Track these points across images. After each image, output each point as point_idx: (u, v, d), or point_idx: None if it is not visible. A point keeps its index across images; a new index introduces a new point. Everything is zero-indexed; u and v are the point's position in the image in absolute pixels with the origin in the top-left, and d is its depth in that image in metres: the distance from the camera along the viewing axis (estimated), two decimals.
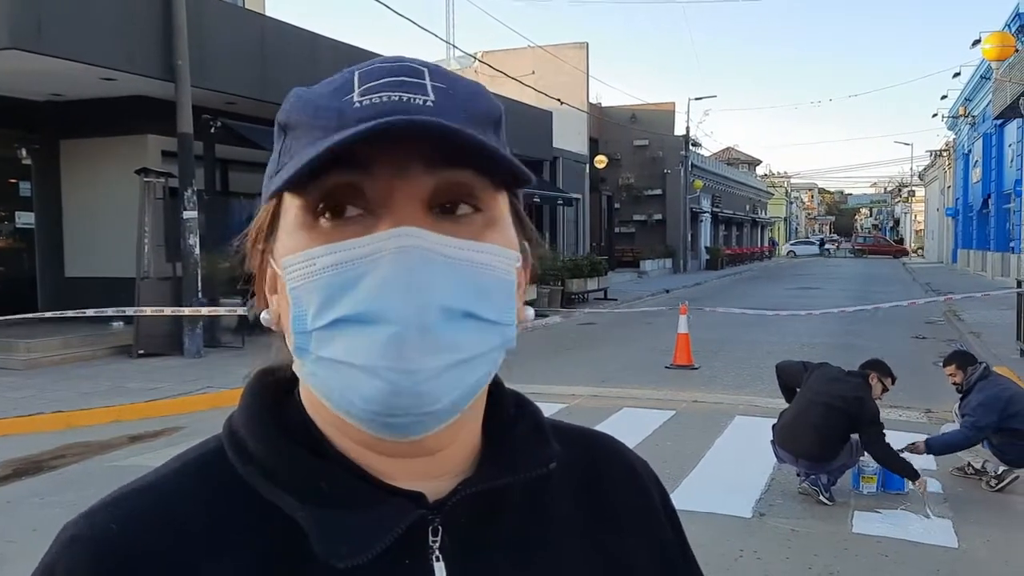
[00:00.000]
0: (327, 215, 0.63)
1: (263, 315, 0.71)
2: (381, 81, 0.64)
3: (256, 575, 0.65)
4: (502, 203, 0.67)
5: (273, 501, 0.66)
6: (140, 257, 11.91)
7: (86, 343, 11.52)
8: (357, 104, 0.63)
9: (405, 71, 0.65)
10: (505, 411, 0.75)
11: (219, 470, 0.69)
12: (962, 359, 6.29)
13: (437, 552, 0.67)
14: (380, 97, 0.63)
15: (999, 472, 5.97)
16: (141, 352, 11.49)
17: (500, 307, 0.64)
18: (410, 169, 0.61)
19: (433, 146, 0.60)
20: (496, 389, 0.74)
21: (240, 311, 10.06)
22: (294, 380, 0.71)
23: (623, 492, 0.81)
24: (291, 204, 0.65)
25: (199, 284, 11.68)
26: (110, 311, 10.36)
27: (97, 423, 8.06)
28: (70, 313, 10.14)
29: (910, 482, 5.60)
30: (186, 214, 11.54)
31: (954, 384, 6.24)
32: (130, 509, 0.66)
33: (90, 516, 0.66)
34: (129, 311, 10.83)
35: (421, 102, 0.63)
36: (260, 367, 0.75)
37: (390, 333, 0.59)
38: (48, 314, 10.83)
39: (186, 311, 10.13)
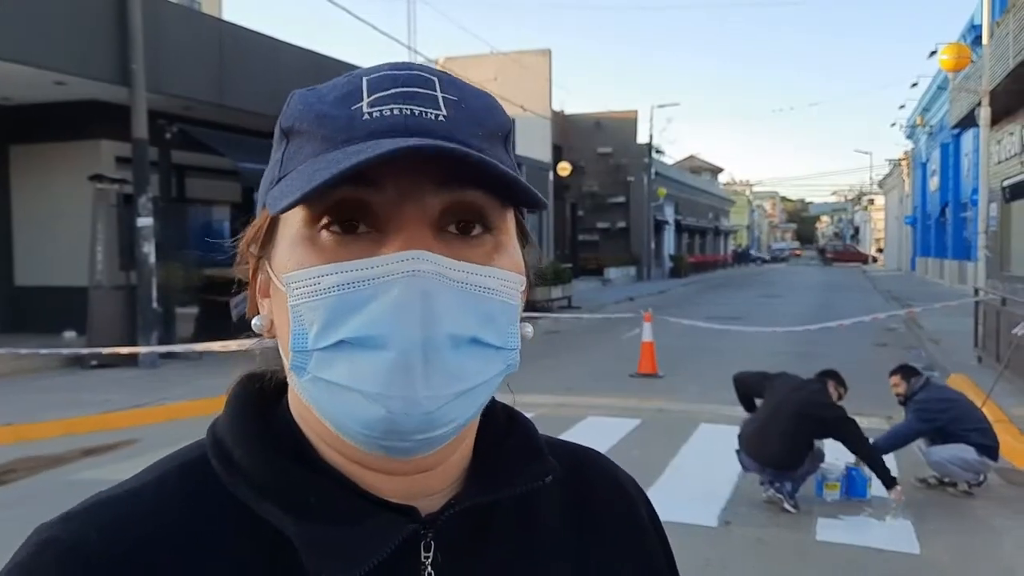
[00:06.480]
0: (331, 230, 0.61)
1: (255, 321, 0.69)
2: (391, 92, 0.62)
3: None
4: (510, 222, 0.66)
5: (260, 514, 0.64)
6: (93, 265, 11.64)
7: (38, 354, 11.21)
8: (367, 116, 0.61)
9: (415, 81, 0.63)
10: (496, 425, 0.74)
11: (203, 479, 0.66)
12: (906, 371, 6.55)
13: (429, 568, 0.66)
14: (391, 110, 0.61)
15: (969, 488, 6.07)
16: (95, 363, 11.20)
17: (504, 333, 0.63)
18: (420, 188, 0.60)
19: (446, 166, 0.59)
20: (487, 403, 0.72)
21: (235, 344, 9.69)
22: (280, 388, 0.71)
23: (612, 508, 0.81)
24: (293, 213, 0.63)
25: (154, 293, 11.46)
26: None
27: (49, 436, 7.84)
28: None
29: (887, 491, 5.64)
30: (141, 221, 11.31)
31: (897, 395, 6.48)
32: (110, 517, 0.63)
33: (68, 521, 0.63)
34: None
35: (433, 117, 0.61)
36: (245, 372, 0.73)
37: (396, 360, 0.57)
38: None
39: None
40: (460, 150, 0.58)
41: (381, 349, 0.57)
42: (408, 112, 0.61)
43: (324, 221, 0.61)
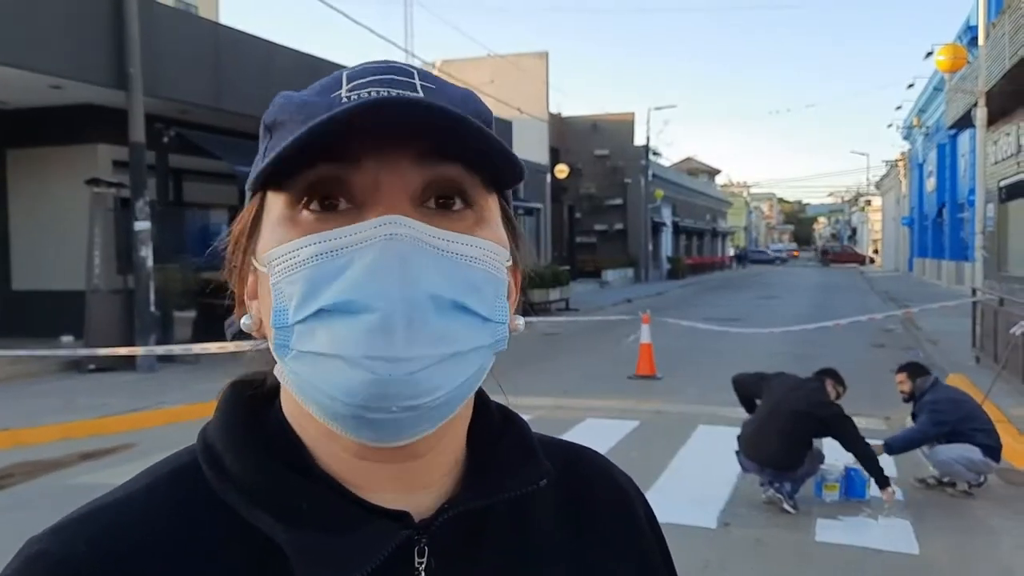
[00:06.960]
0: (311, 208, 0.61)
1: (243, 320, 0.68)
2: (369, 79, 0.64)
3: None
4: (492, 203, 0.66)
5: (251, 521, 0.63)
6: (90, 269, 11.62)
7: (35, 358, 11.18)
8: (344, 99, 0.62)
9: (394, 70, 0.65)
10: (491, 423, 0.74)
11: (193, 486, 0.65)
12: (914, 369, 6.53)
13: (423, 574, 0.65)
14: (368, 92, 0.62)
15: (969, 488, 6.06)
16: (92, 367, 11.17)
17: (491, 303, 0.63)
18: (399, 162, 0.60)
19: (424, 141, 0.59)
20: (481, 400, 0.73)
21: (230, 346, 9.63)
22: (273, 392, 0.70)
23: (608, 507, 0.80)
24: (275, 201, 0.63)
25: (151, 297, 11.43)
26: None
27: (47, 441, 7.82)
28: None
29: (880, 491, 5.63)
30: (138, 225, 11.28)
31: (901, 392, 6.47)
32: (99, 527, 0.63)
33: (58, 532, 0.63)
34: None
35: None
36: (235, 377, 0.73)
37: (376, 321, 0.56)
38: None
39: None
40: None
41: (361, 313, 0.57)
42: (386, 92, 0.61)
43: (304, 200, 0.61)
